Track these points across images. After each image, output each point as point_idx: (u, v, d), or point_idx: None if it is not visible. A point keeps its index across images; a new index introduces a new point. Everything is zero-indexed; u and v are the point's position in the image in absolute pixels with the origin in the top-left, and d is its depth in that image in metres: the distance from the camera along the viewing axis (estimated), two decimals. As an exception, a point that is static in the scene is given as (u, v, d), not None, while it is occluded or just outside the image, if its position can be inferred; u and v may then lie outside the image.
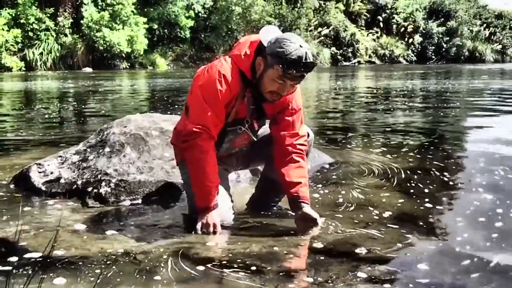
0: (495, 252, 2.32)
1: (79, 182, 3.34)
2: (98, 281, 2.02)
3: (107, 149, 3.52)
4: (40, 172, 3.48)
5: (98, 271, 2.15)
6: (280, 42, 2.51)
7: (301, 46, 2.49)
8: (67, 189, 3.34)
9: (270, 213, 3.01)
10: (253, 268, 2.21)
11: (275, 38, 2.55)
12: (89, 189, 3.26)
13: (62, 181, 3.40)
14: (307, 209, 2.70)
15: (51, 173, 3.47)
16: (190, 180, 2.68)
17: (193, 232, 2.64)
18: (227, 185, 2.91)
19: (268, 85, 2.58)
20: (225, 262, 2.27)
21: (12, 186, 3.54)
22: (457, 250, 2.37)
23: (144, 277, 2.11)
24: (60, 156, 3.64)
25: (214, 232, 2.62)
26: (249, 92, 2.67)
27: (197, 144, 2.56)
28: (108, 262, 2.25)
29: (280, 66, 2.48)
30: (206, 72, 2.65)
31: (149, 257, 2.32)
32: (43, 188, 3.37)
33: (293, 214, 2.78)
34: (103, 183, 3.26)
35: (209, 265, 2.23)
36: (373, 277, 2.11)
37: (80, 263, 2.25)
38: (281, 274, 2.16)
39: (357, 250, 2.39)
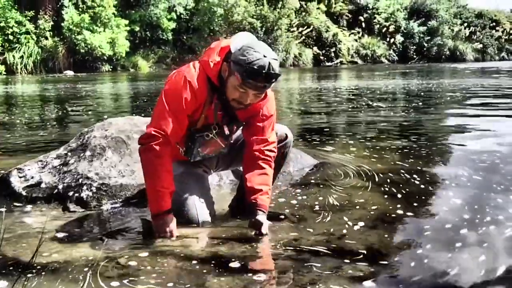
0: (457, 270, 2.24)
1: (60, 187, 3.32)
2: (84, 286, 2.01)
3: (88, 153, 3.51)
4: (20, 177, 3.46)
5: (80, 276, 2.14)
6: (244, 50, 2.47)
7: (265, 56, 2.44)
8: (48, 194, 3.32)
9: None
10: (235, 266, 2.23)
11: (241, 45, 2.51)
12: (70, 193, 3.24)
13: (43, 185, 3.37)
14: (260, 216, 2.68)
15: (32, 177, 3.45)
16: (145, 183, 2.65)
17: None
18: (207, 186, 2.92)
19: (231, 92, 2.55)
20: (206, 263, 2.28)
21: (-8, 191, 3.51)
22: (412, 265, 2.29)
23: (128, 282, 2.11)
24: (41, 161, 3.62)
25: (171, 236, 2.59)
26: (216, 98, 2.65)
27: (152, 147, 2.54)
28: (90, 268, 2.24)
29: (240, 74, 2.46)
30: (174, 78, 2.64)
31: (132, 261, 2.31)
32: (24, 193, 3.34)
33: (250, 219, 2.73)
34: (85, 187, 3.24)
35: (191, 265, 2.24)
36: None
37: (62, 269, 2.23)
38: (261, 275, 2.16)
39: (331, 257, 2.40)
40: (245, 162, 2.82)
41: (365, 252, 2.41)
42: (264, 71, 2.42)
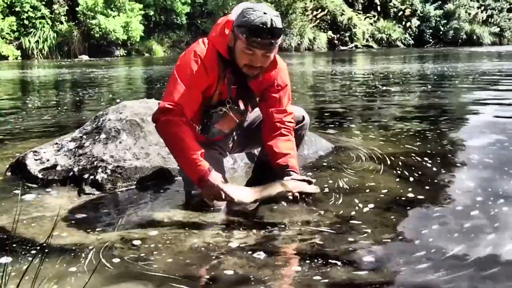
0: (467, 251, 2.23)
1: (75, 169, 3.34)
2: (96, 269, 2.03)
3: (103, 136, 3.53)
4: (36, 160, 3.49)
5: (95, 258, 2.17)
6: (244, 12, 2.51)
7: (265, 13, 2.46)
8: (63, 176, 3.34)
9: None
10: (245, 247, 2.24)
11: (241, 10, 2.55)
12: (86, 176, 3.26)
13: (58, 168, 3.40)
14: (296, 176, 2.70)
15: (47, 160, 3.47)
16: (175, 157, 2.66)
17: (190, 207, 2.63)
18: (223, 170, 2.91)
19: (240, 58, 2.57)
20: (218, 245, 2.29)
21: (8, 174, 3.55)
22: (422, 247, 2.28)
23: (143, 264, 2.13)
24: (56, 143, 3.64)
25: (225, 198, 2.57)
26: (229, 73, 2.66)
27: (168, 120, 2.54)
28: (106, 250, 2.26)
29: (244, 35, 2.48)
30: (184, 54, 2.69)
31: (148, 244, 2.33)
32: (40, 175, 3.37)
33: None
34: (100, 170, 3.26)
35: (204, 246, 2.25)
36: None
37: (77, 251, 2.25)
38: (270, 256, 2.18)
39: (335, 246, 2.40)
40: (265, 133, 2.84)
41: (374, 234, 2.40)
42: (266, 27, 2.45)
